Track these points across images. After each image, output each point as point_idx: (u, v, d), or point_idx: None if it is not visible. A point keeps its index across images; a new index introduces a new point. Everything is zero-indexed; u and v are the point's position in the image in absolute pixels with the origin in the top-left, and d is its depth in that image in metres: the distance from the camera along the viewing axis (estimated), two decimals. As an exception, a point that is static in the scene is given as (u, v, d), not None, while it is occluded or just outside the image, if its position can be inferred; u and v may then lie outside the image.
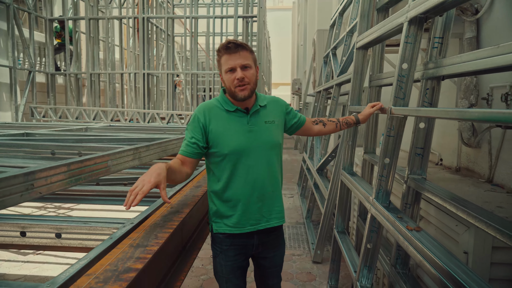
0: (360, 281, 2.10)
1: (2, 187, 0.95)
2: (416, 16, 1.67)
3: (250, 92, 1.58)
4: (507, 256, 1.53)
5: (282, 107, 1.77)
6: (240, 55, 1.54)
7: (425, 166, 1.90)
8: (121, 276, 0.99)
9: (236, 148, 1.57)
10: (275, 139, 1.66)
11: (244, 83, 1.55)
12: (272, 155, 1.65)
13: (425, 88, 1.81)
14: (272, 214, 1.68)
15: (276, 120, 1.69)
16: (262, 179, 1.62)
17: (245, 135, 1.59)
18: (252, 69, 1.59)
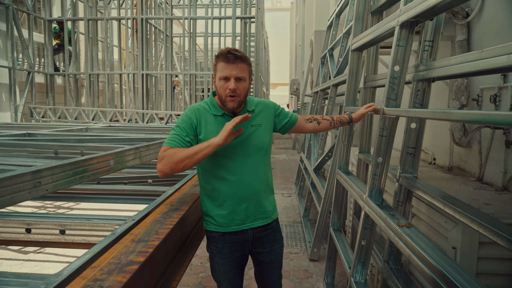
0: (354, 276, 2.16)
1: (12, 185, 1.00)
2: (407, 20, 1.73)
3: (238, 104, 1.61)
4: (493, 251, 1.60)
5: (271, 110, 1.80)
6: (236, 67, 1.57)
7: (416, 165, 1.96)
8: (124, 268, 1.05)
9: (222, 151, 1.60)
10: (261, 142, 1.70)
11: (235, 95, 1.58)
12: (258, 158, 1.69)
13: (416, 90, 1.87)
14: (257, 214, 1.71)
15: (263, 123, 1.73)
16: (248, 180, 1.66)
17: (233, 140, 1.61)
18: (245, 82, 1.61)
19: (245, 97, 1.66)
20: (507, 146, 1.96)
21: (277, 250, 1.83)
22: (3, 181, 0.98)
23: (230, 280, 1.72)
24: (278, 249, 1.83)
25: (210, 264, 1.78)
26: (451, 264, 1.27)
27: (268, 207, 1.76)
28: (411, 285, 1.94)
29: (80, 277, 1.00)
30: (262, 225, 1.73)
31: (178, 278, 1.49)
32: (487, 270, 1.62)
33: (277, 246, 1.82)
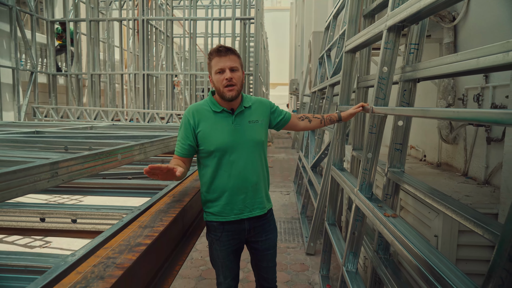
0: (346, 266, 2.29)
1: (34, 174, 1.13)
2: (394, 24, 1.85)
3: (237, 93, 1.74)
4: (472, 238, 1.72)
5: (266, 107, 1.94)
6: (229, 58, 1.72)
7: (403, 160, 2.09)
8: (134, 248, 1.18)
9: (221, 145, 1.74)
10: (258, 137, 1.83)
11: (232, 83, 1.71)
12: (255, 151, 1.82)
13: (403, 90, 1.99)
14: (254, 204, 1.84)
15: (260, 120, 1.86)
16: (245, 173, 1.78)
17: (229, 133, 1.76)
18: (239, 71, 1.76)
19: (241, 86, 1.79)
20: (488, 142, 2.09)
21: (271, 239, 1.94)
22: (26, 171, 1.11)
23: (228, 266, 1.85)
24: (272, 237, 1.95)
25: (209, 252, 1.91)
26: (430, 249, 1.39)
27: (264, 198, 1.89)
28: (398, 273, 2.07)
29: (95, 255, 1.12)
30: (259, 215, 1.85)
31: (180, 263, 1.62)
32: (466, 256, 1.75)
33: (271, 235, 1.94)
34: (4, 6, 6.65)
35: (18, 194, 1.07)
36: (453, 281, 1.11)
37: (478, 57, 1.23)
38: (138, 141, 2.03)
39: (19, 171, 1.08)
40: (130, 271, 1.07)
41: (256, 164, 1.82)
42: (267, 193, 1.94)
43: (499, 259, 0.87)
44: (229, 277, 1.88)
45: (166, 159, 3.25)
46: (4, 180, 1.03)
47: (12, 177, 1.05)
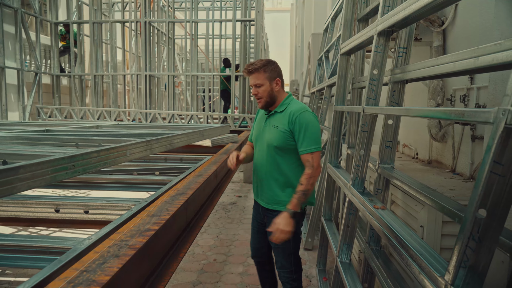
0: (340, 257, 2.42)
1: (55, 166, 1.26)
2: (383, 29, 1.99)
3: (265, 103, 2.09)
4: (455, 228, 1.85)
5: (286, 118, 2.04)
6: (252, 77, 2.06)
7: (393, 157, 2.22)
8: (144, 233, 1.31)
9: (253, 136, 2.25)
10: (272, 141, 2.06)
11: (259, 97, 2.08)
12: (268, 153, 2.09)
13: (392, 91, 2.13)
14: (263, 196, 2.14)
15: (280, 127, 2.05)
16: (260, 166, 2.15)
17: (259, 130, 2.19)
18: (264, 86, 2.06)
19: (270, 97, 2.08)
20: (473, 140, 2.22)
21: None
22: (48, 163, 1.24)
23: (252, 231, 2.38)
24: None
25: None
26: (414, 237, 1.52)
27: (270, 197, 2.11)
28: (389, 264, 2.20)
29: (109, 238, 1.26)
30: (264, 206, 2.14)
31: (184, 250, 1.75)
32: (449, 245, 1.88)
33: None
34: (9, 8, 6.80)
35: (41, 184, 1.20)
36: (428, 261, 1.23)
37: (455, 61, 1.36)
38: (144, 138, 2.16)
39: (42, 163, 1.21)
40: (141, 252, 1.20)
41: (267, 164, 2.09)
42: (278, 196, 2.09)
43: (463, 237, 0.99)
44: (251, 244, 2.39)
45: (169, 157, 3.38)
46: (29, 171, 1.16)
47: (36, 168, 1.18)
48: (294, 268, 2.19)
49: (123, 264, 1.05)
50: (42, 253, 1.24)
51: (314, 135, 2.01)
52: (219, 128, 3.93)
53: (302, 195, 1.96)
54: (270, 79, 2.07)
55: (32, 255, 1.23)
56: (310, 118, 2.02)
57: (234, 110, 7.64)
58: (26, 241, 1.23)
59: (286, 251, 2.15)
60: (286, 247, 2.13)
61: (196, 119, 7.63)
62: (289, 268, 2.18)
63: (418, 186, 1.79)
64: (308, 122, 2.00)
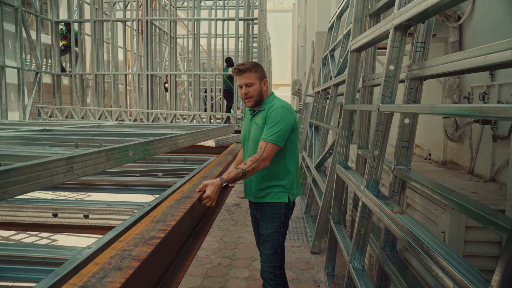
0: (353, 263, 2.30)
1: (51, 168, 1.15)
2: (400, 23, 1.87)
3: (254, 102, 2.14)
4: (479, 234, 1.74)
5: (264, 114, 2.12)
6: (243, 77, 2.10)
7: (410, 158, 2.11)
8: (148, 241, 1.20)
9: (241, 136, 2.30)
10: (256, 137, 2.13)
11: (249, 96, 2.12)
12: (255, 149, 2.12)
13: (409, 88, 2.01)
14: (251, 192, 2.23)
15: (260, 123, 2.13)
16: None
17: (245, 129, 2.27)
18: (255, 85, 2.11)
19: (259, 96, 2.14)
20: (494, 140, 2.10)
21: (263, 226, 2.18)
22: (44, 165, 1.13)
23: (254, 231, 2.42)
24: (264, 226, 2.17)
25: None
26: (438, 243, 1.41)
27: (259, 191, 2.17)
28: (405, 270, 2.09)
29: (111, 248, 1.15)
30: (256, 202, 2.21)
31: (190, 258, 1.64)
32: (473, 252, 1.76)
33: (264, 223, 2.17)
34: (9, 7, 6.70)
35: (36, 187, 1.10)
36: (463, 274, 1.12)
37: (486, 54, 1.25)
38: (146, 138, 2.06)
39: (37, 165, 1.10)
40: (146, 263, 1.09)
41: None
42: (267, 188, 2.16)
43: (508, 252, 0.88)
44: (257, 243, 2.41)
45: (172, 158, 3.27)
46: (23, 174, 1.05)
47: (31, 171, 1.07)
48: (279, 263, 2.19)
49: (126, 279, 0.94)
50: (37, 264, 1.13)
51: (280, 130, 2.03)
52: (224, 128, 3.82)
53: (240, 174, 1.95)
54: (260, 78, 2.14)
55: (26, 266, 1.13)
56: (284, 114, 2.06)
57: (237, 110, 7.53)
58: (19, 251, 1.12)
59: (276, 243, 2.17)
60: (276, 238, 2.16)
61: (198, 119, 7.52)
62: (274, 262, 2.17)
63: (440, 189, 1.67)
64: (281, 117, 2.05)
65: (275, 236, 2.15)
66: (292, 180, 2.22)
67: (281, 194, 2.17)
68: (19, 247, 1.13)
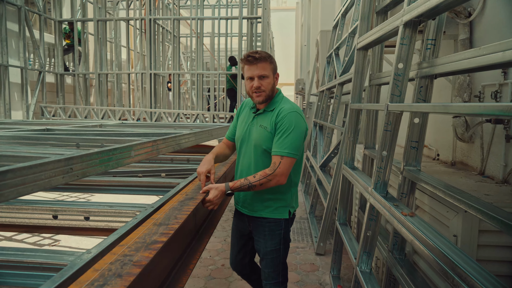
0: (360, 266, 2.25)
1: (49, 169, 1.11)
2: (410, 19, 1.81)
3: (265, 98, 1.85)
4: (492, 238, 1.68)
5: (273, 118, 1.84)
6: (257, 67, 1.80)
7: (419, 158, 2.05)
8: (150, 246, 1.15)
9: (238, 136, 2.01)
10: (260, 142, 1.86)
11: (260, 91, 1.83)
12: (256, 155, 1.89)
13: (419, 86, 1.96)
14: (245, 203, 1.97)
15: (268, 127, 1.85)
16: (243, 168, 1.95)
17: (245, 129, 1.96)
18: (269, 78, 1.84)
19: (272, 91, 1.88)
20: (507, 140, 2.04)
21: (261, 243, 1.96)
22: (42, 166, 1.09)
23: (232, 241, 2.20)
24: (262, 243, 1.96)
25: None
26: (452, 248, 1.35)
27: (256, 203, 1.92)
28: (415, 273, 2.03)
29: (111, 253, 1.10)
30: (248, 215, 1.97)
31: (194, 261, 1.59)
32: (486, 257, 1.70)
33: (262, 240, 1.95)
34: (12, 6, 6.68)
35: (34, 189, 1.05)
36: (479, 281, 1.07)
37: (504, 50, 1.19)
38: (149, 138, 2.01)
39: (35, 166, 1.06)
40: (148, 269, 1.04)
41: (253, 167, 1.89)
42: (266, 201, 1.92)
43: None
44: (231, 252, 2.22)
45: (176, 158, 3.23)
46: (19, 176, 1.01)
47: (27, 173, 1.03)
48: (281, 279, 2.02)
49: (127, 287, 0.89)
50: (36, 269, 1.09)
51: (295, 140, 1.78)
52: (227, 127, 3.77)
53: (246, 186, 1.76)
54: (274, 71, 1.89)
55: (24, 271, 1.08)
56: (298, 121, 1.80)
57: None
58: (18, 256, 1.08)
59: (276, 260, 1.97)
60: (276, 256, 1.97)
61: (202, 118, 7.48)
62: (276, 279, 1.99)
63: (452, 191, 1.62)
64: (295, 125, 1.79)
65: (274, 254, 1.95)
66: (295, 193, 2.01)
67: (281, 210, 1.94)
68: (17, 252, 1.09)
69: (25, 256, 1.08)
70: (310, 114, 11.37)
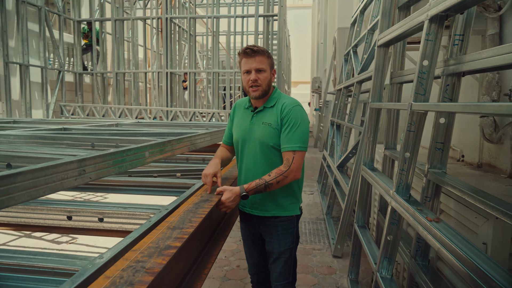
0: (380, 272, 2.16)
1: (61, 171, 1.08)
2: (437, 14, 1.72)
3: (261, 93, 1.81)
4: (526, 247, 1.57)
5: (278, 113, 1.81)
6: (255, 60, 1.78)
7: (445, 160, 1.95)
8: (163, 252, 1.11)
9: (237, 138, 1.92)
10: (267, 140, 1.81)
11: (257, 85, 1.79)
12: (262, 153, 1.84)
13: (445, 84, 1.86)
14: (254, 204, 1.90)
15: (273, 124, 1.82)
16: (248, 169, 1.88)
17: (245, 129, 1.89)
18: (266, 72, 1.81)
19: (268, 86, 1.84)
20: (540, 141, 1.92)
21: (274, 243, 1.91)
22: (53, 168, 1.06)
23: (246, 247, 2.10)
24: (276, 243, 1.90)
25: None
26: (482, 257, 1.27)
27: (267, 202, 1.87)
28: (439, 281, 1.94)
29: (123, 258, 1.06)
30: (259, 215, 1.90)
31: (209, 265, 1.55)
32: (519, 266, 1.60)
33: (276, 241, 1.90)
34: (33, 7, 6.82)
35: (46, 192, 1.03)
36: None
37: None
38: (164, 138, 1.98)
39: (46, 168, 1.03)
40: (160, 276, 1.00)
41: (259, 166, 1.84)
42: (277, 199, 1.88)
43: None
44: (249, 261, 2.12)
45: (191, 157, 3.20)
46: (30, 178, 0.98)
47: (39, 175, 1.00)
48: (291, 279, 1.97)
49: (138, 297, 0.84)
50: (46, 273, 1.06)
51: (304, 134, 1.79)
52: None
53: (262, 185, 1.72)
54: (271, 67, 1.85)
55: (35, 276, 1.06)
56: (303, 115, 1.82)
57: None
58: (29, 260, 1.05)
59: (289, 259, 1.93)
60: (289, 255, 1.93)
61: (217, 117, 7.46)
62: (287, 279, 1.95)
63: (480, 195, 1.52)
64: (301, 119, 1.80)
65: (288, 253, 1.92)
66: (302, 188, 2.00)
67: (293, 206, 1.93)
68: (29, 255, 1.07)
69: (36, 260, 1.05)
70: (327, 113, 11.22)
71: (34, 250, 1.24)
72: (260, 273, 2.11)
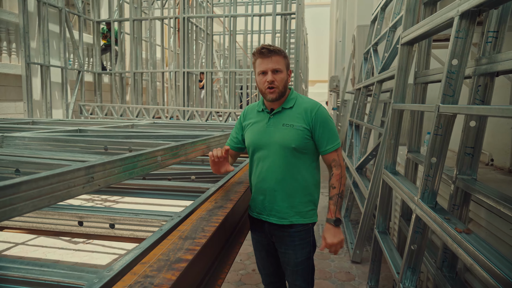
0: (403, 283, 2.05)
1: (68, 179, 1.03)
2: (468, 9, 1.60)
3: (278, 95, 1.72)
4: None
5: (307, 115, 1.73)
6: (271, 60, 1.69)
7: (475, 166, 1.83)
8: (173, 265, 1.04)
9: (252, 142, 1.80)
10: (287, 142, 1.71)
11: (274, 86, 1.70)
12: (282, 157, 1.73)
13: (476, 85, 1.73)
14: (272, 211, 1.78)
15: (295, 125, 1.72)
16: (266, 175, 1.76)
17: (261, 132, 1.78)
18: (282, 73, 1.72)
19: (285, 88, 1.75)
20: None
21: (290, 254, 1.79)
22: (60, 176, 1.01)
23: (259, 257, 1.97)
24: (292, 255, 1.79)
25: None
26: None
27: (285, 209, 1.76)
28: (467, 294, 1.82)
29: (131, 272, 1.01)
30: (276, 223, 1.78)
31: (223, 276, 1.48)
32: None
33: (291, 251, 1.79)
34: (54, 8, 6.92)
35: (51, 202, 0.98)
36: None
37: None
38: (178, 141, 1.92)
39: (52, 176, 0.98)
40: (170, 294, 0.93)
41: (279, 170, 1.73)
42: (296, 205, 1.76)
43: None
44: (262, 271, 2.00)
45: (206, 159, 3.14)
46: (35, 187, 0.93)
47: (44, 184, 0.96)
48: (310, 286, 1.88)
49: (144, 320, 0.78)
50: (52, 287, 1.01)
51: (335, 130, 1.77)
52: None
53: (338, 199, 1.72)
54: (287, 67, 1.77)
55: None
56: (327, 113, 1.78)
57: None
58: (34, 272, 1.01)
59: (306, 270, 1.83)
60: (307, 265, 1.83)
61: (234, 117, 7.41)
62: None
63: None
64: (327, 118, 1.76)
65: (305, 263, 1.81)
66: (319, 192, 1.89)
67: (311, 213, 1.81)
68: (35, 267, 1.02)
69: (42, 273, 1.01)
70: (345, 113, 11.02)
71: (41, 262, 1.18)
72: (276, 283, 2.00)
